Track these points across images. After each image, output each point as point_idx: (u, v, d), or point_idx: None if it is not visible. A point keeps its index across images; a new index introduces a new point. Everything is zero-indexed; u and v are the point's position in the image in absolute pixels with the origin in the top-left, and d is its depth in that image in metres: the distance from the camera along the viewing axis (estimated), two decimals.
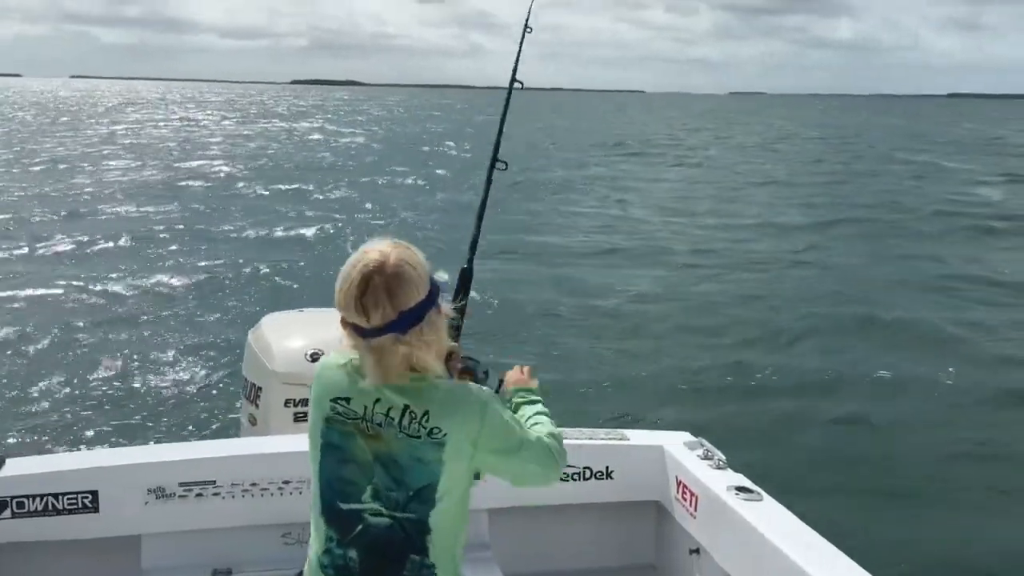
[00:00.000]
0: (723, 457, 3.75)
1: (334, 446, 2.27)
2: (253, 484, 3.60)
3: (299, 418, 4.61)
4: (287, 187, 27.18)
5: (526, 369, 2.70)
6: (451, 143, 48.41)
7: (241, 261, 15.83)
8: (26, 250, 16.83)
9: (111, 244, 17.31)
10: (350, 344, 2.24)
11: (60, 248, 17.02)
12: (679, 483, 3.77)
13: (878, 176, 34.51)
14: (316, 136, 51.43)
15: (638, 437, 4.07)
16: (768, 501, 3.38)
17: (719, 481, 3.54)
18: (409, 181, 29.85)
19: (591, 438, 3.96)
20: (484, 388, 2.35)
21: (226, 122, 69.23)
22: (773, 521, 3.20)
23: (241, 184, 28.28)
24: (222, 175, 30.75)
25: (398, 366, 2.18)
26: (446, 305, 2.27)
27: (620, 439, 4.01)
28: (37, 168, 31.65)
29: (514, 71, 3.78)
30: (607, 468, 3.92)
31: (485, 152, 3.65)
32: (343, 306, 2.18)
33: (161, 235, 18.51)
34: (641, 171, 36.20)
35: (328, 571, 2.29)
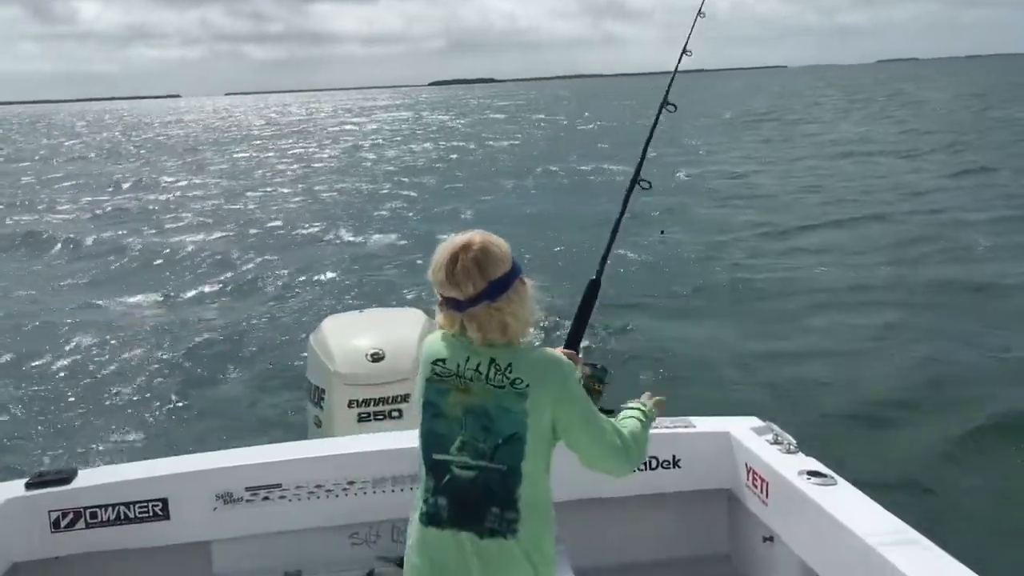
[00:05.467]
0: (793, 441, 3.64)
1: (431, 403, 2.49)
2: (318, 486, 3.61)
3: (363, 419, 4.63)
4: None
5: (654, 399, 2.91)
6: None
7: (307, 262, 16.01)
8: (87, 262, 17.28)
9: (170, 259, 17.64)
10: (445, 322, 2.50)
11: (116, 260, 17.42)
12: (749, 469, 3.67)
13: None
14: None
15: (705, 424, 3.98)
16: (843, 485, 3.27)
17: (790, 466, 3.44)
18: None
19: (655, 426, 3.88)
20: (568, 361, 2.53)
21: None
22: (848, 506, 3.09)
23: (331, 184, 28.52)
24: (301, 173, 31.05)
25: (492, 330, 2.42)
26: (530, 281, 2.52)
27: (686, 427, 3.93)
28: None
29: (667, 93, 3.84)
30: (674, 457, 3.84)
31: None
32: (438, 283, 2.45)
33: (227, 244, 18.84)
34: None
35: (423, 519, 2.50)
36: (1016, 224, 16.93)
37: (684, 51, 4.04)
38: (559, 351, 2.81)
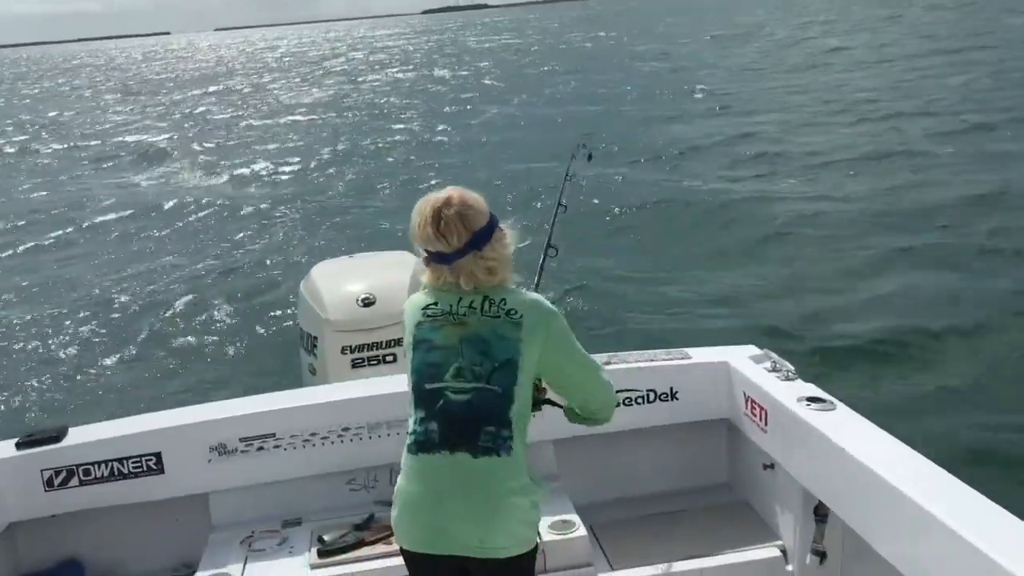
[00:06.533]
0: (791, 368, 3.61)
1: (425, 340, 2.57)
2: (312, 434, 3.59)
3: (357, 364, 4.60)
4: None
5: None
6: None
7: (295, 207, 15.86)
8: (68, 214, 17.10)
9: (161, 203, 17.44)
10: (432, 277, 2.60)
11: (106, 211, 17.19)
12: (747, 398, 3.65)
13: None
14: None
15: (701, 355, 3.94)
16: (842, 410, 3.24)
17: (789, 393, 3.40)
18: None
19: (652, 360, 3.85)
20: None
21: None
22: (849, 430, 3.06)
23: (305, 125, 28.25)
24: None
25: (480, 275, 2.54)
26: (508, 229, 2.62)
27: (683, 358, 3.90)
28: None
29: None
30: (671, 389, 3.82)
31: None
32: (424, 239, 2.55)
33: (212, 192, 18.62)
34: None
35: (412, 448, 2.55)
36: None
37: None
38: None
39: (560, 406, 2.90)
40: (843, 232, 11.74)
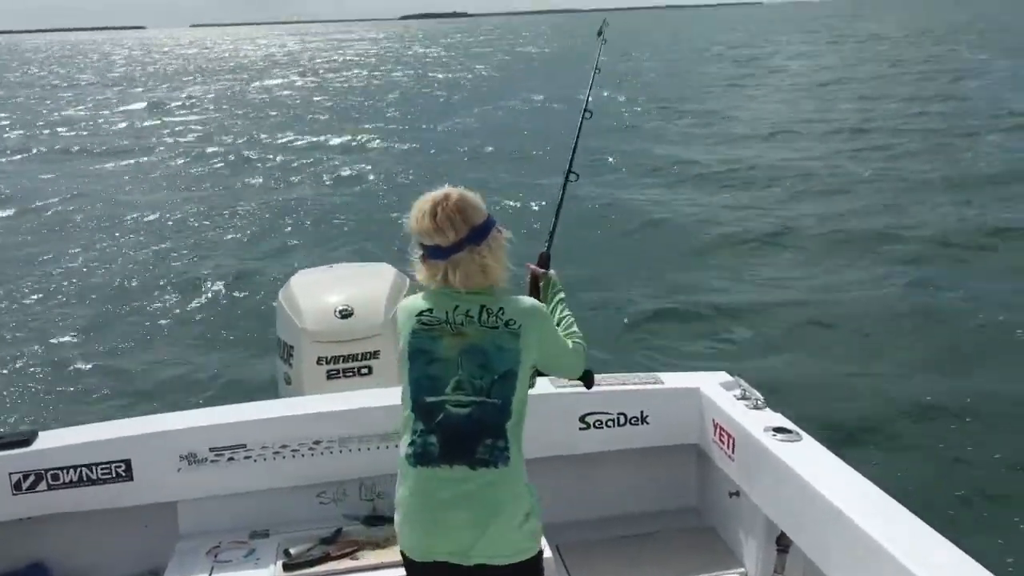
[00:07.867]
0: (760, 397, 3.66)
1: (422, 351, 2.58)
2: (283, 446, 3.60)
3: (332, 375, 4.60)
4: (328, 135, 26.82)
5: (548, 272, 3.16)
6: None
7: (273, 214, 15.77)
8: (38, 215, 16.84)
9: (135, 207, 17.24)
10: (427, 273, 2.61)
11: (74, 215, 16.89)
12: (716, 425, 3.69)
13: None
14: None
15: (673, 380, 3.99)
16: (807, 441, 3.29)
17: (756, 422, 3.45)
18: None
19: (624, 383, 3.89)
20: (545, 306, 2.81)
21: None
22: (812, 462, 3.11)
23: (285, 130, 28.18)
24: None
25: (475, 274, 2.56)
26: (505, 232, 2.67)
27: (654, 383, 3.94)
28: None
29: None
30: (642, 413, 3.85)
31: None
32: (422, 231, 2.57)
33: (190, 194, 18.44)
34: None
35: (411, 459, 2.57)
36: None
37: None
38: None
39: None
40: (825, 252, 11.90)
